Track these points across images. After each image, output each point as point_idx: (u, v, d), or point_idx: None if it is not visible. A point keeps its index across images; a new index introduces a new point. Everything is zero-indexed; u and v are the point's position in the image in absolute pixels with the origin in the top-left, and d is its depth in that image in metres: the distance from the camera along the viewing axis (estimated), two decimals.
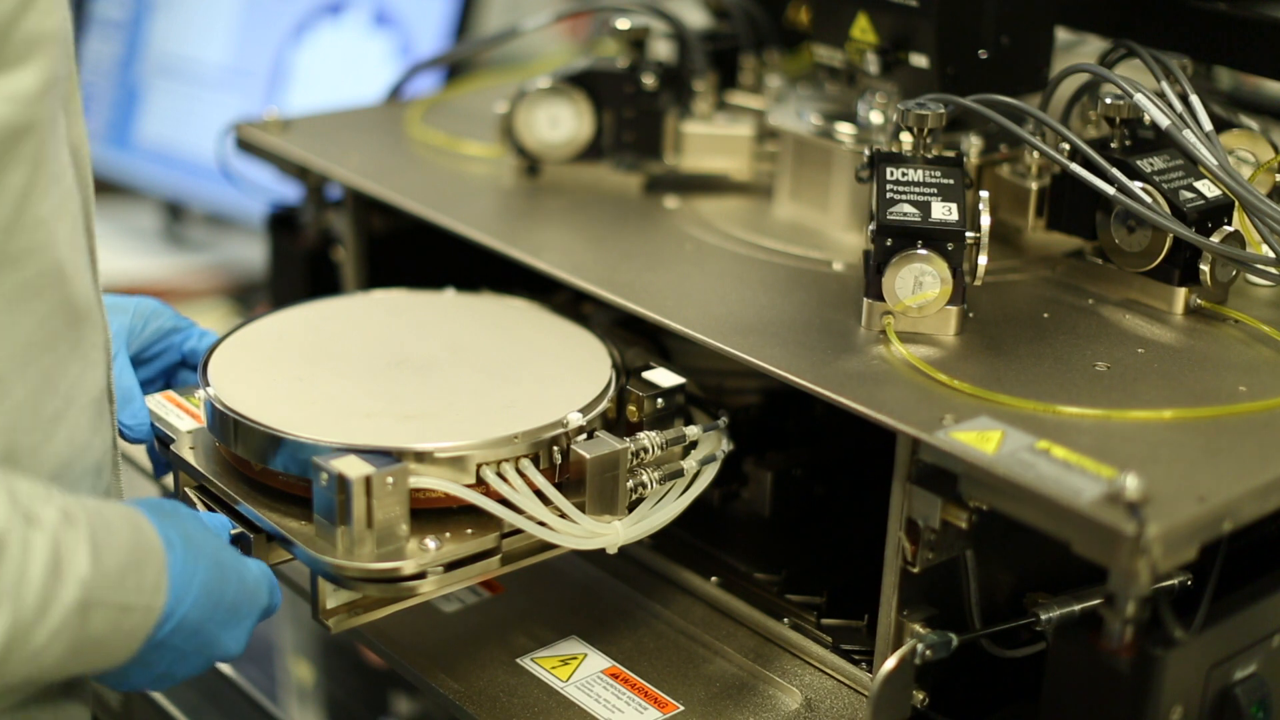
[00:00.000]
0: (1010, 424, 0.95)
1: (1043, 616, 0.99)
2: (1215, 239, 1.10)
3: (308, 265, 1.52)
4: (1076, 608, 0.99)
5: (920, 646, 1.00)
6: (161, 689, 0.98)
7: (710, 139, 1.40)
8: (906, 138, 1.16)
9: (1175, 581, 0.98)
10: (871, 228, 1.09)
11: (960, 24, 1.24)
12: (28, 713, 0.93)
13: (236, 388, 1.11)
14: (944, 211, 1.09)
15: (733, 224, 1.33)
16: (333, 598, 1.05)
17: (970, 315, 1.12)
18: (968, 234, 1.08)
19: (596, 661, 1.14)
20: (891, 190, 1.11)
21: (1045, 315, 1.14)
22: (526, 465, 1.06)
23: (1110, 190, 1.11)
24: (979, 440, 0.93)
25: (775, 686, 1.12)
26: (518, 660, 1.14)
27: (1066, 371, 1.05)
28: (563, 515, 1.05)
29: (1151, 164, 1.13)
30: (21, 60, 0.82)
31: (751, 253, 1.27)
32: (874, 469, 1.08)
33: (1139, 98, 1.14)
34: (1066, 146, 1.15)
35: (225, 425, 1.09)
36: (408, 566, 1.01)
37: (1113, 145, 1.17)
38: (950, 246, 1.08)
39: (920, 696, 1.03)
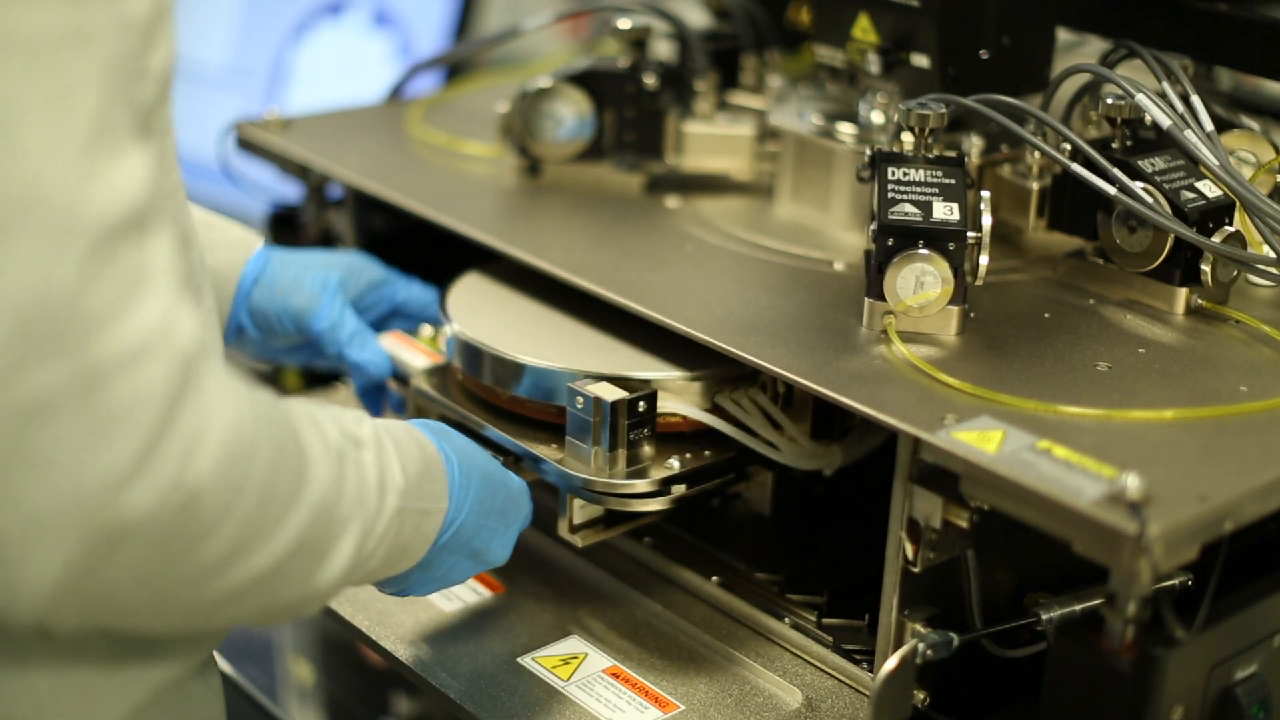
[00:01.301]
0: (1011, 424, 0.95)
1: (1044, 616, 0.99)
2: (1216, 239, 1.10)
3: None
4: (1077, 607, 0.99)
5: (921, 646, 1.00)
6: (430, 593, 1.07)
7: (711, 139, 1.40)
8: (908, 137, 1.16)
9: (1176, 581, 0.98)
10: (873, 227, 1.09)
11: (961, 24, 1.24)
12: (194, 684, 0.99)
13: (479, 325, 1.21)
14: (945, 211, 1.09)
15: (734, 224, 1.32)
16: (580, 514, 1.14)
17: (971, 315, 1.12)
18: (969, 234, 1.08)
19: (597, 660, 1.14)
20: (893, 190, 1.11)
21: (1046, 315, 1.14)
22: (757, 394, 1.15)
23: (1111, 190, 1.11)
24: (980, 440, 0.93)
25: (776, 686, 1.12)
26: (518, 659, 1.14)
27: (1068, 371, 1.05)
28: (789, 439, 1.15)
29: (1153, 164, 1.13)
30: (165, 35, 0.83)
31: (752, 252, 1.27)
32: (875, 469, 1.08)
33: (1140, 98, 1.14)
34: (1068, 146, 1.15)
35: (476, 358, 1.19)
36: (655, 483, 1.11)
37: (1114, 145, 1.17)
38: (951, 246, 1.08)
39: (921, 696, 1.03)
